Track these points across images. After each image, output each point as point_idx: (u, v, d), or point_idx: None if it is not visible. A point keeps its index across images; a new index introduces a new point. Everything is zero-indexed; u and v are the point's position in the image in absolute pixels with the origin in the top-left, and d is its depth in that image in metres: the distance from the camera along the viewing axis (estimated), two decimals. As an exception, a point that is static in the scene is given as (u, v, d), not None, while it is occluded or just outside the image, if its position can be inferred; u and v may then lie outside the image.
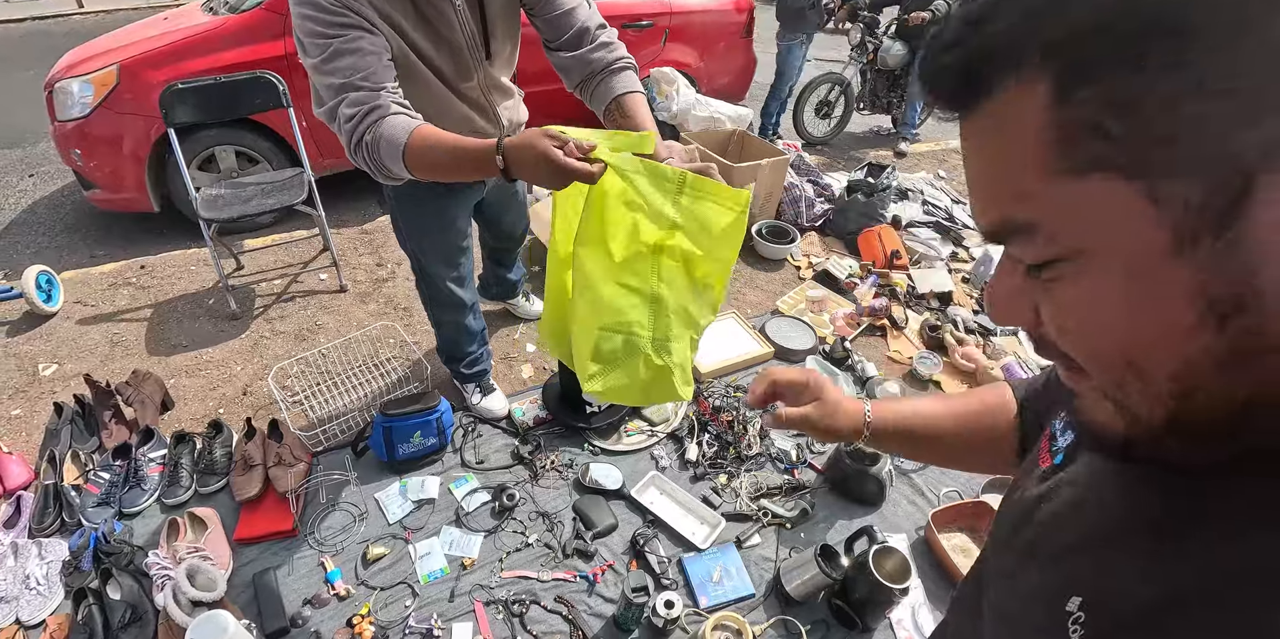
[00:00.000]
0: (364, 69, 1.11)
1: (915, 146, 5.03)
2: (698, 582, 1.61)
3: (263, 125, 2.89)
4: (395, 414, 1.81)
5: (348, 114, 1.10)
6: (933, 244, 3.17)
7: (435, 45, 1.30)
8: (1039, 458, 0.54)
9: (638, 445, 1.96)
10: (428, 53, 1.30)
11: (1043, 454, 0.54)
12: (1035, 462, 0.55)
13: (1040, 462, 0.53)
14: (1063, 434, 0.52)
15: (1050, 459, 0.52)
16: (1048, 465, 0.52)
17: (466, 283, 1.82)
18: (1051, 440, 0.54)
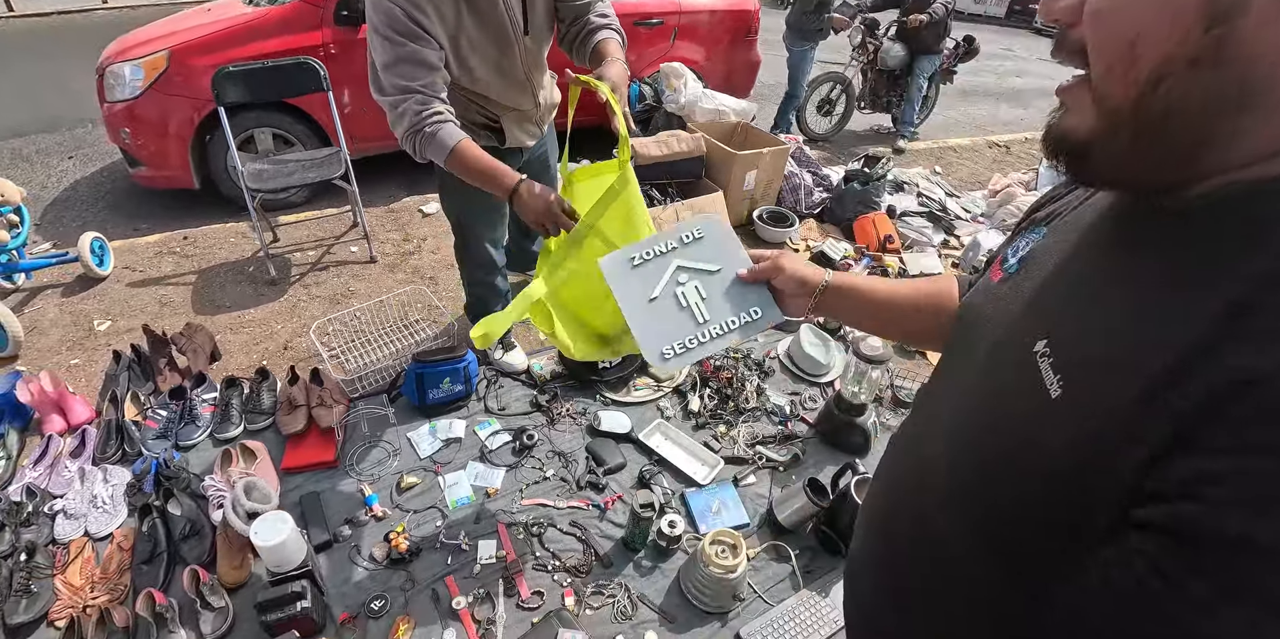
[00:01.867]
0: (424, 79, 1.39)
1: (913, 144, 5.23)
2: (698, 511, 1.80)
3: (299, 110, 3.10)
4: (427, 361, 2.00)
5: (415, 110, 1.37)
6: (925, 231, 3.36)
7: (482, 28, 1.50)
8: (990, 278, 0.65)
9: (645, 398, 2.15)
10: (476, 37, 1.50)
11: (994, 271, 0.64)
12: (986, 283, 0.65)
13: (992, 277, 0.64)
14: (1014, 255, 0.62)
15: (1002, 272, 0.63)
16: (1000, 277, 0.62)
17: (500, 246, 2.02)
18: (1003, 263, 0.64)
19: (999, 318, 0.58)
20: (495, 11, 1.49)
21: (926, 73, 5.13)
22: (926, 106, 5.59)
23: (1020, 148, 5.71)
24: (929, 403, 0.71)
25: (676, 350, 0.91)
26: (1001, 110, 7.63)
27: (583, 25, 1.59)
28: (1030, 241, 0.61)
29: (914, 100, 5.13)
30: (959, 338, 0.67)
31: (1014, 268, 0.60)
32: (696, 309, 0.91)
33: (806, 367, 2.29)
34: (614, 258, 0.96)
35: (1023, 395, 0.49)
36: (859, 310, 0.86)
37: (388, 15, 1.35)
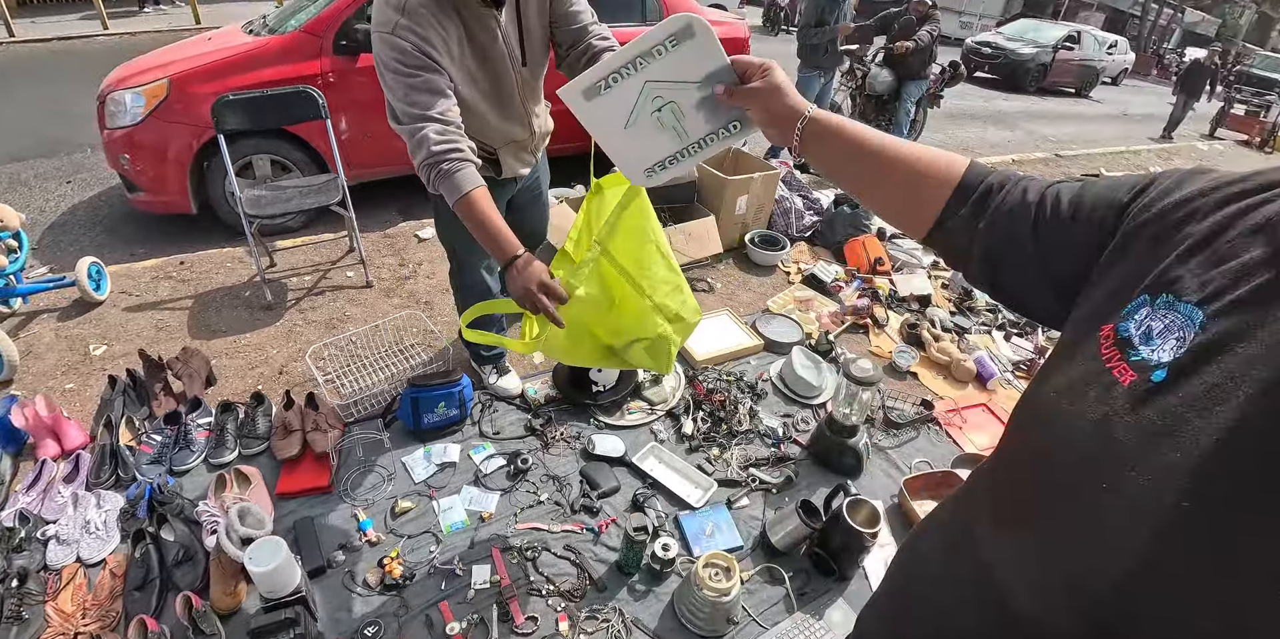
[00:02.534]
0: (439, 106, 1.41)
1: (902, 168, 5.31)
2: (691, 535, 1.81)
3: (297, 137, 3.15)
4: (422, 385, 2.02)
5: (434, 139, 1.38)
6: (914, 253, 3.41)
7: (482, 63, 1.55)
8: (1107, 372, 0.47)
9: (638, 421, 2.17)
10: (475, 71, 1.55)
11: (1116, 367, 0.47)
12: (1095, 379, 0.48)
13: (1119, 377, 0.47)
14: (1146, 343, 0.46)
15: (1134, 377, 0.46)
16: (1132, 380, 0.45)
17: (495, 272, 2.05)
18: (1125, 350, 0.47)
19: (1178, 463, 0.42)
20: (495, 46, 1.54)
21: (914, 97, 5.25)
22: (915, 130, 5.70)
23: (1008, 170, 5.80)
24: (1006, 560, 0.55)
25: (658, 170, 0.95)
26: (989, 133, 7.79)
27: (584, 48, 1.61)
28: (1177, 331, 0.45)
29: (902, 124, 5.24)
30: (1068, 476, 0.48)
31: (1161, 377, 0.44)
32: (676, 129, 0.87)
33: (799, 389, 2.31)
34: (572, 88, 0.87)
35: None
36: (843, 157, 0.72)
37: (399, 51, 1.39)
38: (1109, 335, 0.48)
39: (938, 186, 0.65)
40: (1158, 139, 9.26)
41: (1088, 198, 0.57)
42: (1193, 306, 0.45)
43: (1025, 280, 0.61)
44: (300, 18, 3.34)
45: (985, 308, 3.05)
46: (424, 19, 1.40)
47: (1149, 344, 0.46)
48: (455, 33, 1.46)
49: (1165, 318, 0.46)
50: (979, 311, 3.01)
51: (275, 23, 3.49)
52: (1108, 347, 0.48)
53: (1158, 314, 0.46)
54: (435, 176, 1.40)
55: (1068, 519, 0.48)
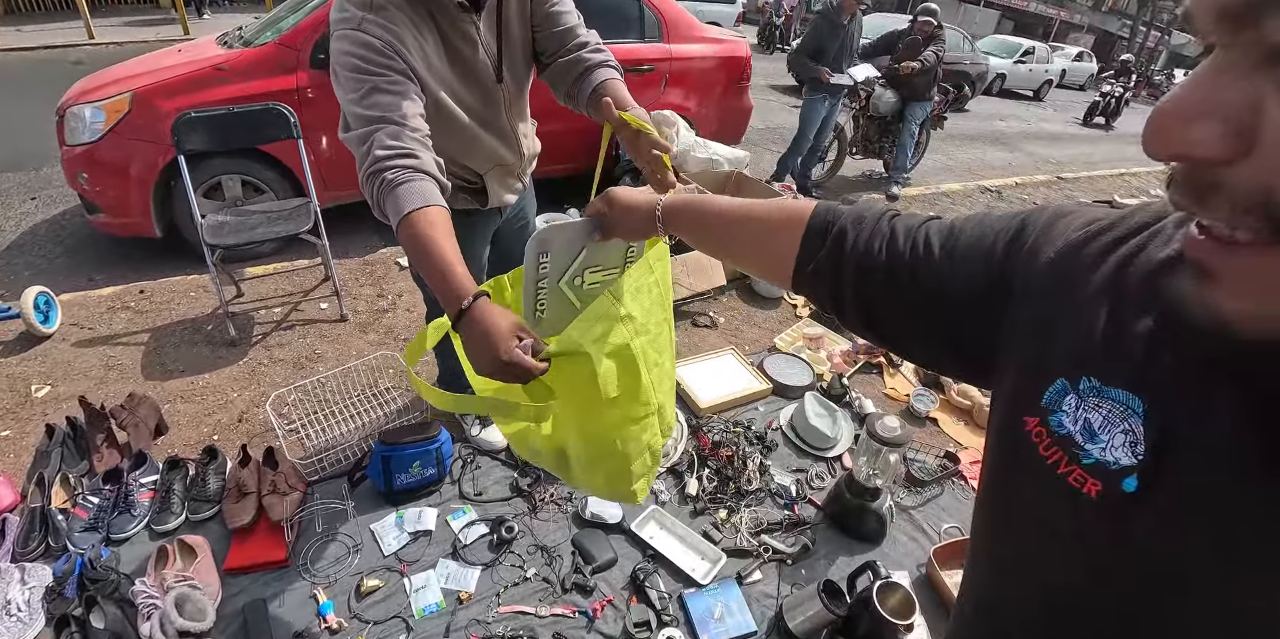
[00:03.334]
0: (403, 109, 1.12)
1: (907, 190, 5.18)
2: (699, 618, 1.59)
3: (269, 156, 2.94)
4: (394, 443, 1.80)
5: (384, 142, 1.08)
6: (926, 284, 3.24)
7: (465, 77, 1.35)
8: (1062, 480, 0.42)
9: (637, 478, 1.95)
10: (453, 82, 1.34)
11: (1070, 474, 0.42)
12: (1052, 489, 0.43)
13: (1082, 488, 0.41)
14: (1092, 441, 0.41)
15: (1099, 487, 0.41)
16: (1099, 491, 0.40)
17: None
18: (1069, 450, 0.42)
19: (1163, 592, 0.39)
20: (477, 58, 1.34)
21: (918, 119, 5.12)
22: (918, 152, 5.57)
23: (1012, 193, 5.69)
24: None
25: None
26: (989, 154, 7.68)
27: (575, 63, 1.35)
28: (1121, 423, 0.40)
29: (906, 146, 5.10)
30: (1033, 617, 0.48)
31: (1133, 486, 0.39)
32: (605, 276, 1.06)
33: (812, 439, 2.11)
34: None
35: None
36: (700, 229, 0.77)
37: (364, 47, 1.15)
38: (1039, 431, 0.43)
39: (788, 234, 0.64)
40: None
41: (960, 247, 0.53)
42: (1128, 394, 0.40)
43: (904, 327, 0.57)
44: (277, 30, 3.15)
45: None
46: (396, 17, 1.19)
47: (1095, 442, 0.40)
48: (432, 38, 1.26)
49: (1100, 408, 0.41)
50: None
51: (251, 35, 3.29)
52: (1046, 447, 0.43)
53: (1088, 403, 0.41)
54: (379, 188, 1.05)
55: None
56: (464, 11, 1.27)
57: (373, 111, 1.11)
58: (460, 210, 1.59)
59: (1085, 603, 0.44)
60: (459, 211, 1.58)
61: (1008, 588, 0.54)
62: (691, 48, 4.29)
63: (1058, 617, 0.48)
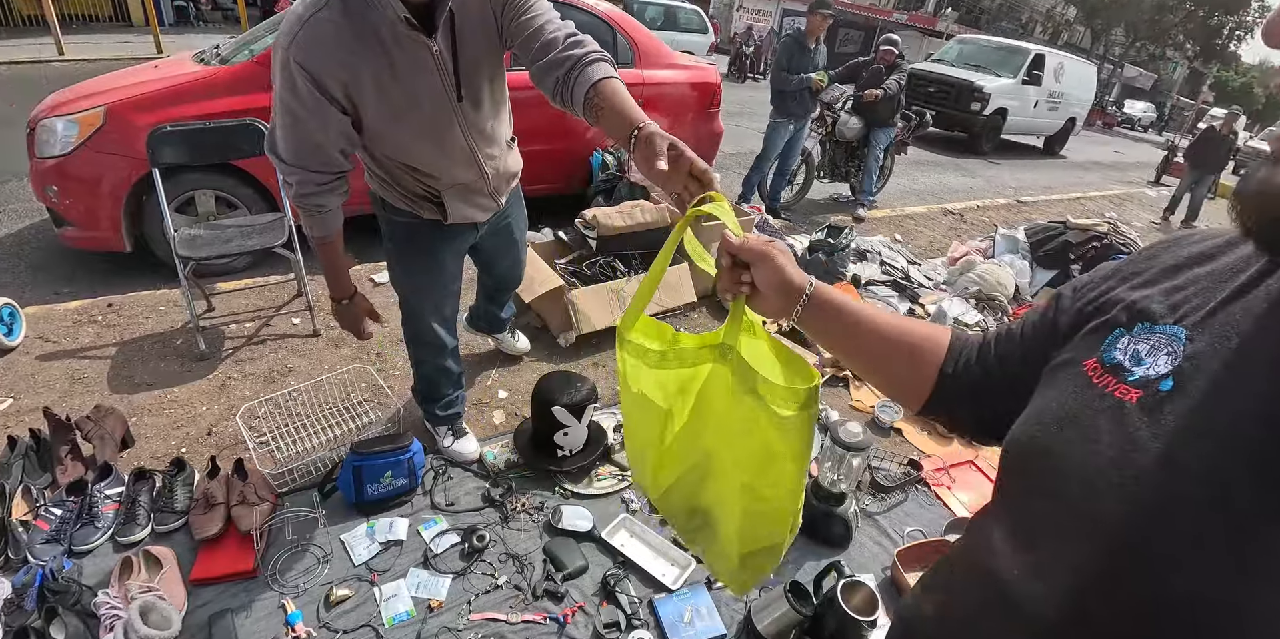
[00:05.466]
0: (320, 159, 1.37)
1: (872, 212, 5.35)
2: (669, 623, 1.61)
3: (244, 172, 2.96)
4: (367, 453, 1.81)
5: (306, 191, 1.42)
6: (890, 301, 3.35)
7: (410, 96, 1.34)
8: (1109, 396, 0.49)
9: (608, 489, 1.98)
10: (403, 106, 1.35)
11: (1107, 381, 0.49)
12: (1097, 405, 0.49)
13: (1114, 390, 0.48)
14: (1138, 364, 0.49)
15: (1139, 393, 0.47)
16: (1138, 397, 0.47)
17: (450, 325, 1.87)
18: (1119, 374, 0.49)
19: (1184, 465, 0.43)
20: (422, 77, 1.33)
21: (882, 144, 5.31)
22: (883, 176, 5.76)
23: (973, 215, 5.90)
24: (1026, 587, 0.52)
25: None
26: (951, 179, 7.97)
27: (555, 65, 1.21)
28: (1165, 346, 0.48)
29: (871, 170, 5.28)
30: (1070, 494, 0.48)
31: (1169, 385, 0.46)
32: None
33: (780, 450, 2.16)
34: None
35: None
36: (841, 334, 0.73)
37: (290, 87, 1.24)
38: (1095, 367, 0.50)
39: (938, 353, 0.69)
40: (1159, 223, 7.53)
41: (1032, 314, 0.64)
42: (1171, 326, 0.48)
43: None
44: (256, 48, 3.20)
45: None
46: (326, 53, 1.21)
47: (1141, 364, 0.48)
48: (372, 66, 1.27)
49: (1148, 340, 0.49)
50: (959, 363, 2.93)
51: (229, 52, 3.33)
52: (1099, 376, 0.50)
53: (1139, 338, 0.49)
54: (306, 212, 1.48)
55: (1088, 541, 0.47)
56: (413, 29, 1.23)
57: (301, 152, 1.36)
58: (430, 220, 1.64)
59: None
60: (429, 221, 1.64)
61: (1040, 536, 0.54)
62: (663, 74, 4.42)
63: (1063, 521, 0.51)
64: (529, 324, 2.79)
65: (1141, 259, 0.57)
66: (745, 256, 0.72)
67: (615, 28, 4.20)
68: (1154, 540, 0.44)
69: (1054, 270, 4.01)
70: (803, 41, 4.56)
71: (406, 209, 1.61)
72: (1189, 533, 0.42)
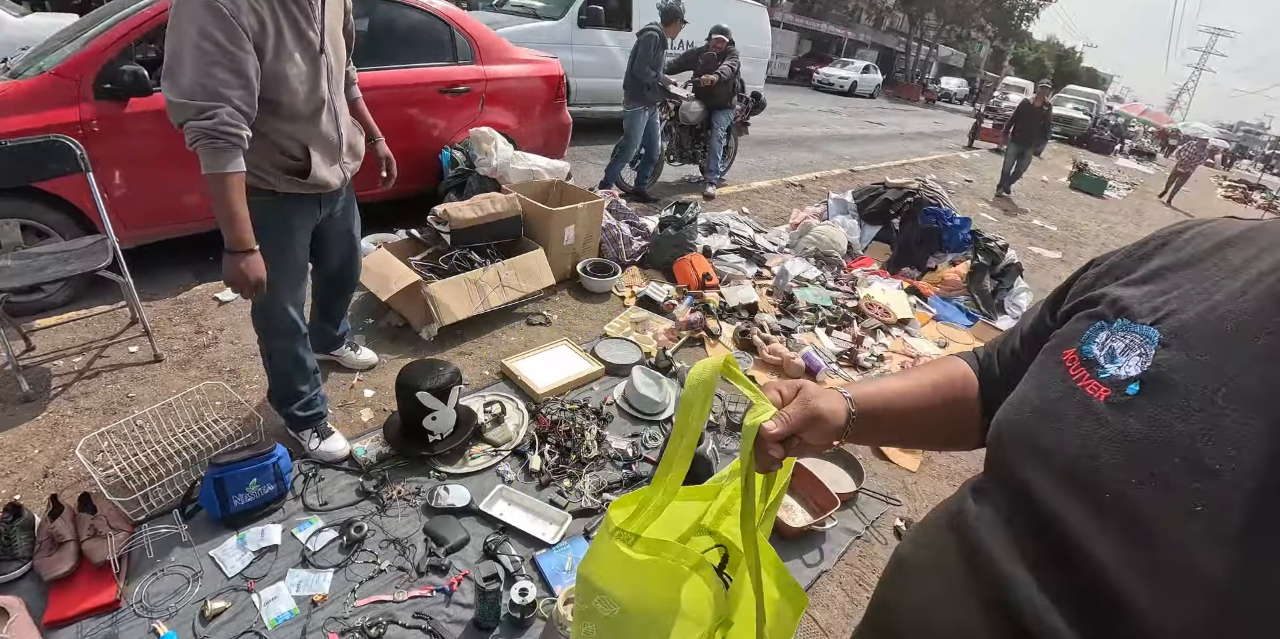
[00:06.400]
0: (237, 91, 1.44)
1: (722, 189, 5.69)
2: (551, 573, 1.73)
3: (53, 196, 2.73)
4: (227, 464, 1.78)
5: (224, 130, 1.43)
6: (739, 266, 3.63)
7: (298, 37, 1.55)
8: (1071, 383, 0.52)
9: (483, 465, 2.07)
10: (290, 44, 1.54)
11: (1080, 376, 0.52)
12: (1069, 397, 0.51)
13: (1087, 386, 0.51)
14: (1111, 362, 0.51)
15: (1108, 392, 0.49)
16: (1106, 396, 0.49)
17: (301, 311, 1.89)
18: (1092, 369, 0.51)
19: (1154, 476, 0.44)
20: (309, 31, 1.57)
21: (724, 126, 5.66)
22: (729, 156, 6.13)
23: (813, 185, 6.42)
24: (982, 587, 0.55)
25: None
26: (794, 155, 8.58)
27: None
28: (1138, 348, 0.49)
29: (716, 151, 5.62)
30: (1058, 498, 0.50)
31: (1135, 389, 0.48)
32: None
33: (643, 407, 2.33)
34: None
35: None
36: (890, 430, 0.73)
37: (214, 15, 1.36)
38: (1073, 358, 0.53)
39: (969, 389, 0.72)
40: (1004, 209, 7.82)
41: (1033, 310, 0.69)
42: (1148, 327, 0.50)
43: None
44: (52, 59, 2.93)
45: (806, 308, 3.29)
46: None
47: (1114, 362, 0.50)
48: (272, 11, 1.47)
49: (1125, 338, 0.51)
50: (801, 312, 3.25)
51: (20, 66, 3.03)
52: (1075, 368, 0.52)
53: (1116, 336, 0.51)
54: (209, 146, 1.43)
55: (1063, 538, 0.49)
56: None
57: (213, 86, 1.40)
58: (286, 195, 1.72)
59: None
60: (285, 195, 1.72)
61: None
62: (506, 69, 4.47)
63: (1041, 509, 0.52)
64: (390, 324, 2.79)
65: (1136, 258, 0.58)
66: (797, 431, 0.65)
67: (452, 25, 4.19)
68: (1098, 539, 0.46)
69: (879, 225, 4.50)
70: (664, 38, 4.89)
71: (265, 187, 1.69)
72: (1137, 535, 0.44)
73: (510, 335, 2.84)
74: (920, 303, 3.77)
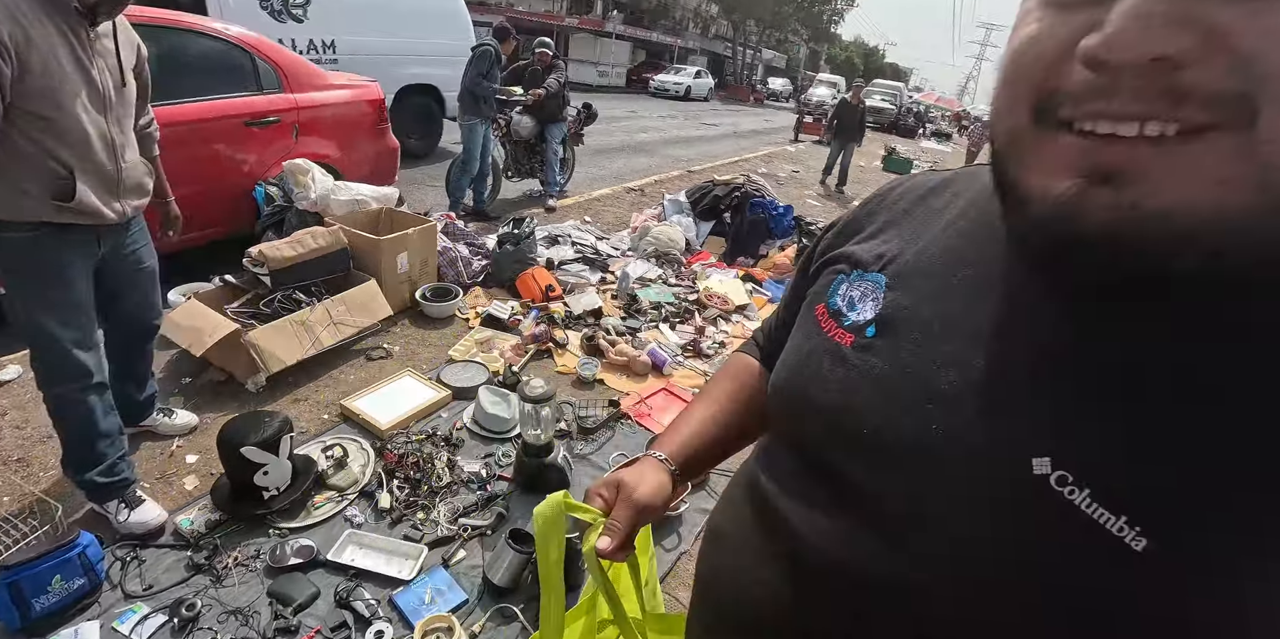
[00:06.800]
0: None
1: (563, 201, 5.78)
2: (410, 609, 1.69)
3: None
4: (21, 563, 1.58)
5: None
6: (583, 274, 3.71)
7: (72, 60, 1.53)
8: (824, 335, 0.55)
9: (329, 514, 1.98)
10: (67, 76, 1.52)
11: (830, 327, 0.55)
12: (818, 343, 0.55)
13: (836, 336, 0.54)
14: (852, 310, 0.54)
15: (852, 338, 0.52)
16: (852, 342, 0.52)
17: (90, 348, 1.71)
18: (838, 319, 0.55)
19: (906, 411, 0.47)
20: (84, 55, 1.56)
21: (557, 138, 5.74)
22: (567, 168, 6.23)
23: (652, 189, 6.67)
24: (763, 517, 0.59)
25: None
26: (634, 161, 8.86)
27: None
28: (871, 294, 0.54)
29: (553, 164, 5.69)
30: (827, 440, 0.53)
31: (873, 332, 0.52)
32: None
33: (493, 426, 2.34)
34: None
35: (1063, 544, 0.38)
36: (715, 460, 0.78)
37: None
38: (823, 312, 0.57)
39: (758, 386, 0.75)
40: (825, 194, 8.49)
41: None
42: (876, 274, 0.54)
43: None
44: None
45: (649, 307, 3.43)
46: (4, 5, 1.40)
47: (854, 310, 0.54)
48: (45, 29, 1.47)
49: (860, 287, 0.55)
50: (645, 311, 3.38)
51: None
52: (825, 320, 0.56)
53: (854, 286, 0.55)
54: None
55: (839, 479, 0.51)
56: (80, 17, 1.53)
57: None
58: (57, 227, 1.61)
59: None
60: (57, 228, 1.61)
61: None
62: (320, 95, 4.25)
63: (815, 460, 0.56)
64: (211, 381, 2.59)
65: (863, 216, 0.62)
66: (632, 531, 0.67)
67: (253, 53, 3.94)
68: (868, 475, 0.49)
69: (712, 221, 4.77)
70: (499, 54, 4.94)
71: (23, 220, 1.56)
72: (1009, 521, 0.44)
73: (349, 374, 2.72)
74: (756, 288, 4.05)
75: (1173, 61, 0.30)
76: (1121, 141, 0.33)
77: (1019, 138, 0.38)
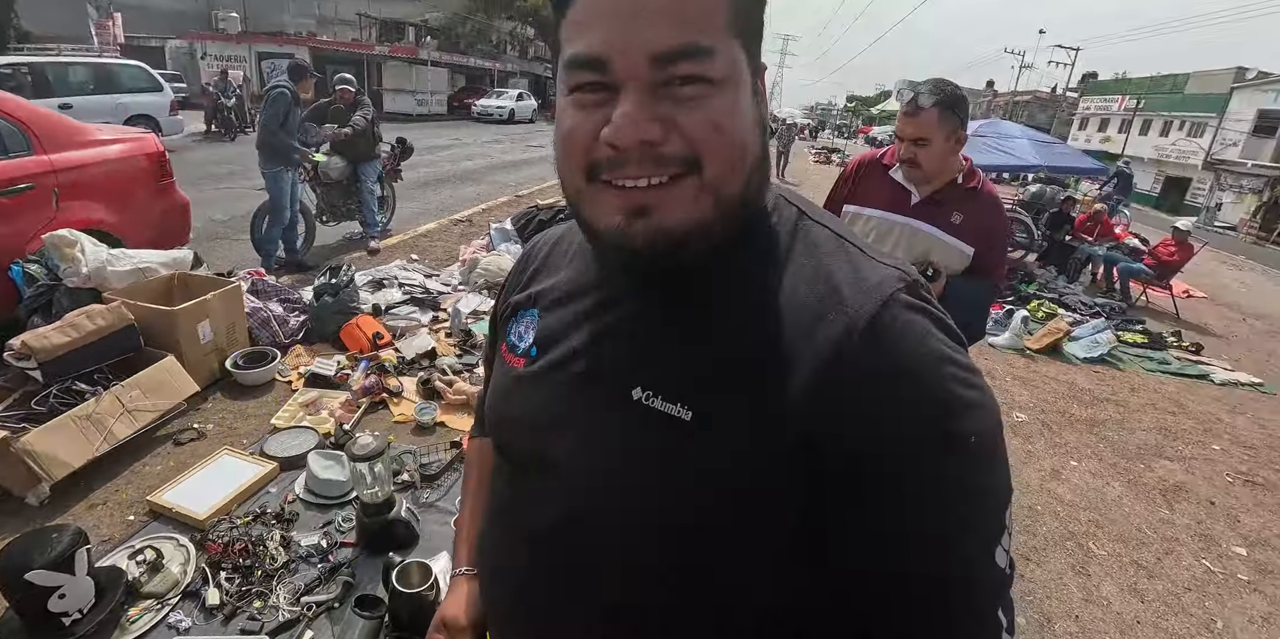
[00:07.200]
0: None
1: (387, 241, 5.59)
2: (255, 707, 1.59)
3: None
4: None
5: None
6: (414, 316, 3.64)
7: None
8: (508, 368, 0.69)
9: (148, 625, 1.79)
10: None
11: (511, 360, 0.69)
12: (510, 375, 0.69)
13: (515, 364, 0.68)
14: (521, 340, 0.69)
15: (524, 361, 0.67)
16: (524, 364, 0.67)
17: None
18: (512, 350, 0.69)
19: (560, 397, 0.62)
20: None
21: (372, 177, 5.53)
22: (387, 206, 6.02)
23: (480, 218, 6.63)
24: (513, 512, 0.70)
25: None
26: (461, 191, 8.74)
27: None
28: (531, 325, 0.68)
29: (370, 203, 5.47)
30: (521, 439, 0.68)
31: (535, 351, 0.66)
32: None
33: (329, 492, 2.24)
34: None
35: (655, 435, 0.55)
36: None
37: None
38: (505, 349, 0.71)
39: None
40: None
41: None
42: (532, 309, 0.69)
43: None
44: None
45: (483, 342, 3.43)
46: None
47: (523, 340, 0.68)
48: None
49: (524, 322, 0.69)
50: (479, 346, 3.38)
51: None
52: (507, 354, 0.70)
53: (521, 323, 0.70)
54: None
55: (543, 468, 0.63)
56: None
57: None
58: None
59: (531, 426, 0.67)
60: None
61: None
62: (82, 154, 3.76)
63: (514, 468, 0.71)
64: (-21, 501, 2.24)
65: (519, 272, 0.77)
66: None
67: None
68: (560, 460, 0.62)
69: (542, 246, 4.84)
70: (296, 96, 4.62)
71: None
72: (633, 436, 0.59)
73: (155, 465, 2.47)
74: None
75: (652, 143, 0.49)
76: (640, 190, 0.51)
77: (581, 192, 0.54)
